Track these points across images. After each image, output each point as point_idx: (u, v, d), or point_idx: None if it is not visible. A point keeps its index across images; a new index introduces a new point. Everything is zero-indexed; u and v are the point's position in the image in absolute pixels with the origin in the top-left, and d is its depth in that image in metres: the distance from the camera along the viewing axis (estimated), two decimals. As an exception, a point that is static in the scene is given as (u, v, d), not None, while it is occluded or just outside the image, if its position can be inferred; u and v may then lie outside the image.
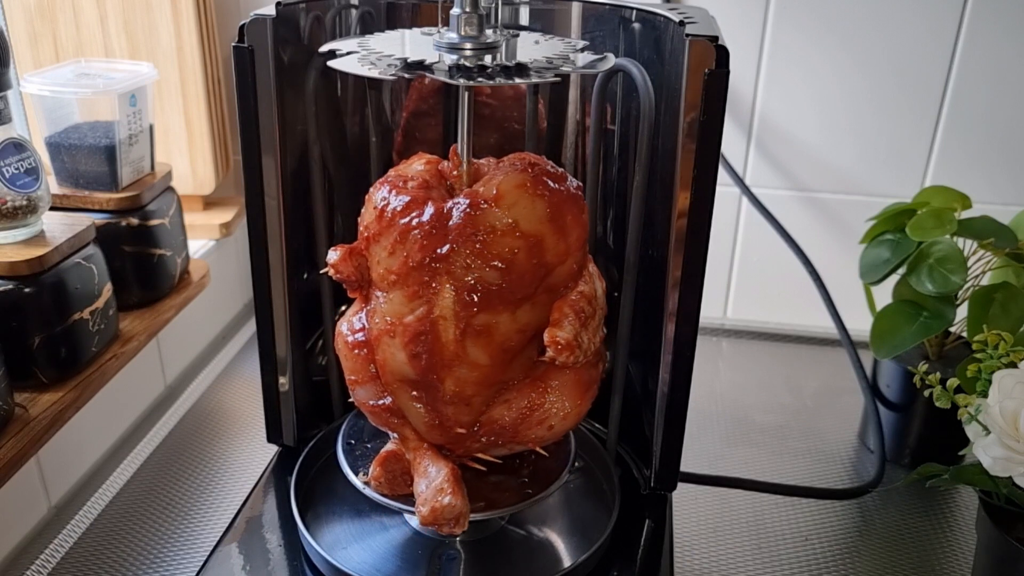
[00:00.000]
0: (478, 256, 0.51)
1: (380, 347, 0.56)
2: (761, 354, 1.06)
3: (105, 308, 0.78)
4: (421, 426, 0.58)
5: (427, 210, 0.52)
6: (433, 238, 0.52)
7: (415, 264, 0.52)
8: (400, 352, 0.55)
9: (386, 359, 0.56)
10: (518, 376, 0.57)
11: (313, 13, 0.65)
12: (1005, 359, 0.62)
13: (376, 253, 0.54)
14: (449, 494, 0.54)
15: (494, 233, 0.51)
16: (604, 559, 0.62)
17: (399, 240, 0.53)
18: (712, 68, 0.54)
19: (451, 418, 0.56)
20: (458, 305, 0.52)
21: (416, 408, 0.57)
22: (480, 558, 0.62)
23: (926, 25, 0.94)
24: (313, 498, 0.66)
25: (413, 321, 0.54)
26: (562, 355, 0.52)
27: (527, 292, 0.53)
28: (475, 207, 0.52)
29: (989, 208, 0.83)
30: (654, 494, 0.68)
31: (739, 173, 1.03)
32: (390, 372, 0.56)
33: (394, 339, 0.55)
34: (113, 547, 0.72)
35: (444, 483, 0.55)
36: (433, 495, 0.55)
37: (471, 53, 0.53)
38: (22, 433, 0.67)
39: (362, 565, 0.60)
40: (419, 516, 0.55)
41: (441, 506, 0.54)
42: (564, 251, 0.54)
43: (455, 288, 0.52)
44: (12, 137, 0.70)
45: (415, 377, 0.55)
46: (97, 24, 0.94)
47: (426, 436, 0.58)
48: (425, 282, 0.53)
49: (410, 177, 0.55)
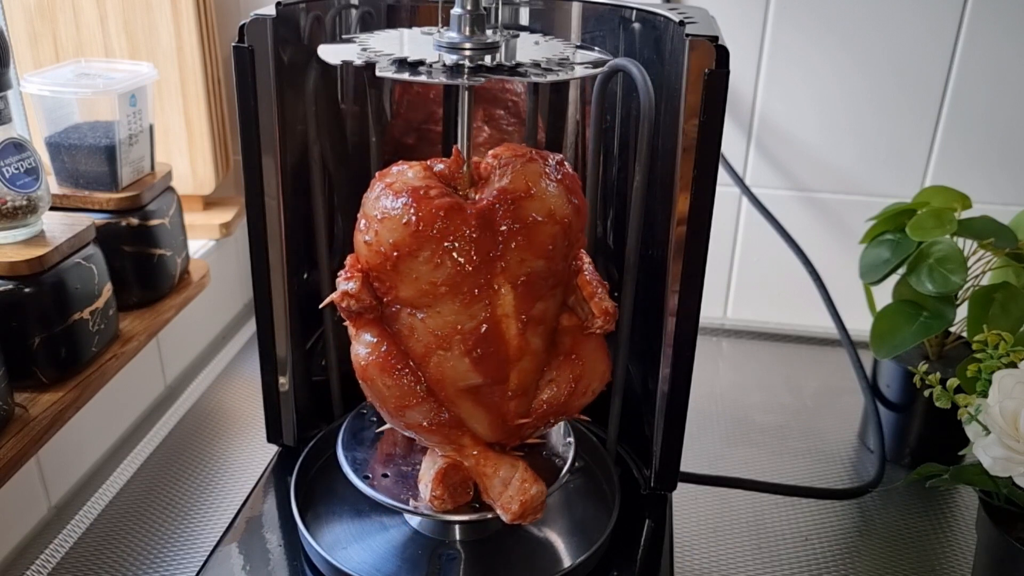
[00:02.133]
0: (526, 249, 0.53)
1: (432, 363, 0.54)
2: (761, 354, 1.06)
3: (105, 308, 0.78)
4: (485, 429, 0.57)
5: (468, 214, 0.52)
6: (483, 240, 0.52)
7: (472, 269, 0.52)
8: (461, 361, 0.54)
9: (444, 372, 0.55)
10: (551, 354, 0.58)
11: (313, 13, 0.65)
12: (1005, 359, 0.62)
13: (413, 269, 0.52)
14: (534, 483, 0.57)
15: (536, 224, 0.53)
16: (604, 559, 0.62)
17: (446, 251, 0.52)
18: (712, 68, 0.54)
19: (513, 411, 0.57)
20: (517, 300, 0.53)
21: (479, 413, 0.57)
22: (480, 558, 0.62)
23: (926, 25, 0.94)
24: (313, 498, 0.66)
25: (473, 326, 0.53)
26: (610, 322, 0.56)
27: (563, 273, 0.55)
28: (515, 202, 0.52)
29: (989, 208, 0.83)
30: (654, 494, 0.68)
31: (739, 173, 1.03)
32: (451, 384, 0.55)
33: (450, 351, 0.54)
34: (113, 547, 0.72)
35: (524, 474, 0.57)
36: (519, 489, 0.57)
37: (471, 53, 0.53)
38: (22, 433, 0.67)
39: (362, 565, 0.60)
40: (509, 515, 0.57)
41: (530, 497, 0.56)
42: (581, 228, 0.56)
43: (512, 284, 0.53)
44: (12, 137, 0.70)
45: (480, 382, 0.55)
46: (97, 24, 0.94)
47: (489, 437, 0.58)
48: (482, 285, 0.53)
49: (424, 186, 0.53)
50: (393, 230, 0.52)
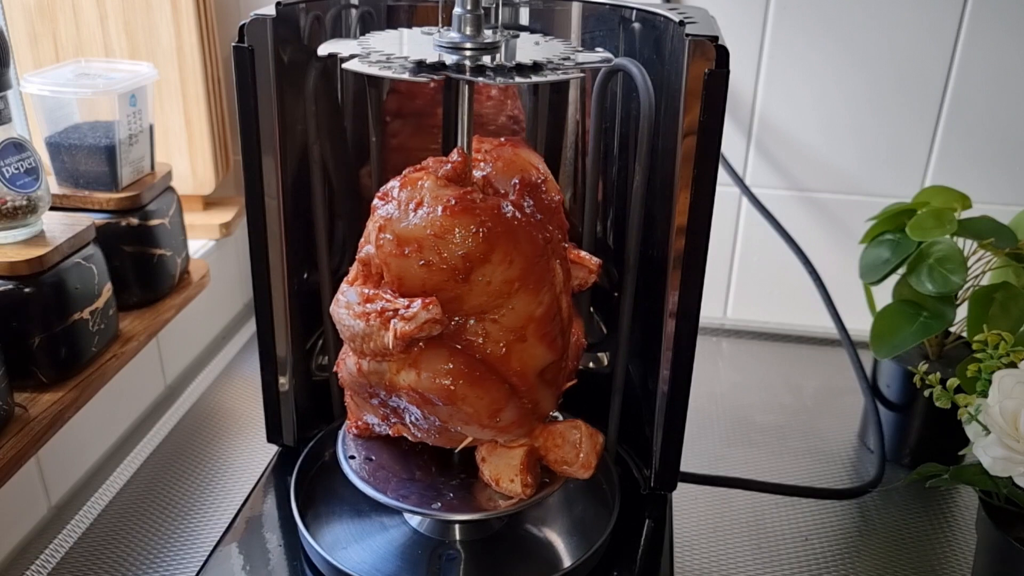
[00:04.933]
0: (559, 227, 0.58)
1: (513, 359, 0.55)
2: (761, 354, 1.06)
3: (105, 308, 0.78)
4: (551, 402, 0.60)
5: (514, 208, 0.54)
6: (536, 228, 0.54)
7: (537, 258, 0.54)
8: (537, 346, 0.56)
9: (525, 363, 0.56)
10: None
11: (313, 13, 0.65)
12: (1005, 359, 0.62)
13: (486, 274, 0.52)
14: (596, 433, 0.61)
15: (555, 203, 0.57)
16: (604, 559, 0.62)
17: (513, 247, 0.53)
18: (712, 68, 0.54)
19: (565, 377, 0.61)
20: (564, 274, 0.58)
21: (547, 390, 0.59)
22: (480, 558, 0.62)
23: (926, 25, 0.94)
24: (313, 498, 0.66)
25: (543, 311, 0.55)
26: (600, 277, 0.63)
27: None
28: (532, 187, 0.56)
29: (989, 208, 0.83)
30: (654, 494, 0.69)
31: (739, 173, 1.03)
32: (531, 371, 0.56)
33: (527, 341, 0.55)
34: (113, 547, 0.72)
35: (587, 430, 0.60)
36: (590, 444, 0.60)
37: (472, 53, 0.53)
38: (22, 433, 0.67)
39: (362, 565, 0.60)
40: (587, 470, 0.60)
41: (601, 445, 0.61)
42: None
43: (560, 261, 0.57)
44: (12, 137, 0.70)
45: (554, 359, 0.57)
46: (97, 24, 0.94)
47: (552, 408, 0.61)
48: (545, 269, 0.55)
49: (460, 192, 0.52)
50: (461, 243, 0.52)
